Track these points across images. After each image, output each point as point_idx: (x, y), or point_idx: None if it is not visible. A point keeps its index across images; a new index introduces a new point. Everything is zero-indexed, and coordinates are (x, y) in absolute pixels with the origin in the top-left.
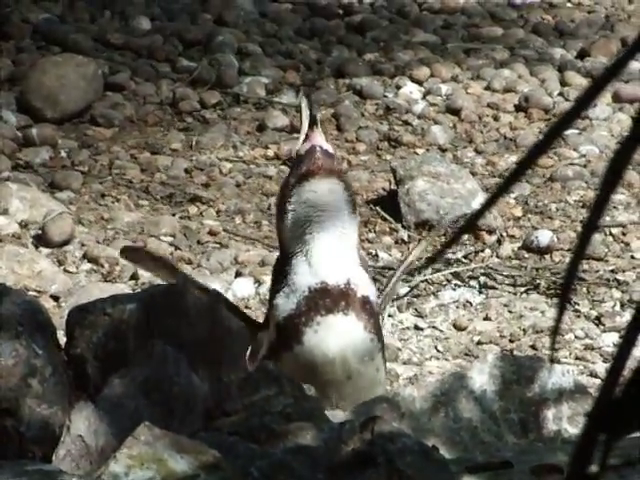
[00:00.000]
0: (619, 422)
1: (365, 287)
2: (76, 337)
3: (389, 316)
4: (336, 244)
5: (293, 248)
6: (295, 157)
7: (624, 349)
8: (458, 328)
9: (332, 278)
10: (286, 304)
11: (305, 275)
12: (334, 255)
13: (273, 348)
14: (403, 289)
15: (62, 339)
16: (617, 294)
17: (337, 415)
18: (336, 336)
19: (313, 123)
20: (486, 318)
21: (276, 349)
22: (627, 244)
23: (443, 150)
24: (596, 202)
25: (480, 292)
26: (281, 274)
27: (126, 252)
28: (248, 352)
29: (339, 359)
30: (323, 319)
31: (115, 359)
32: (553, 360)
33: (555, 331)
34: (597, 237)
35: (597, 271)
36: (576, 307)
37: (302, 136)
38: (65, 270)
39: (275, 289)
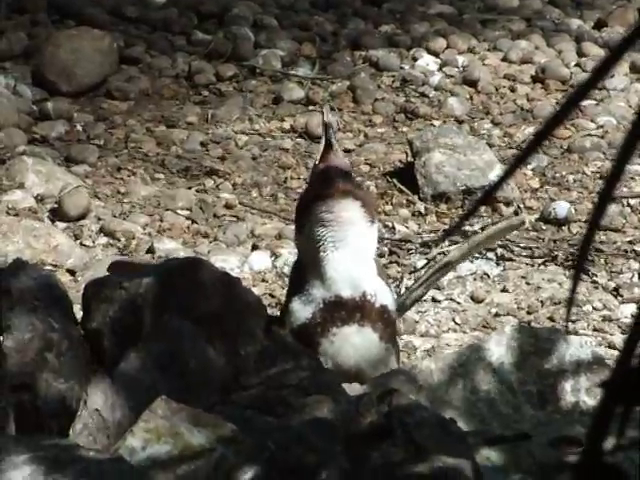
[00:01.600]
0: (636, 392)
1: (382, 296)
2: (92, 311)
3: (406, 289)
4: (351, 259)
5: (310, 261)
6: (311, 174)
7: None
8: (475, 300)
9: (347, 291)
10: (301, 312)
11: (320, 288)
12: (349, 269)
13: None
14: (420, 261)
15: (79, 313)
16: (635, 265)
17: (354, 388)
18: (352, 348)
19: (329, 145)
20: (503, 290)
21: None
22: None
23: (460, 122)
24: (612, 172)
25: (497, 264)
26: (298, 280)
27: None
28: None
29: (354, 370)
30: (339, 330)
31: (131, 333)
32: (569, 331)
33: (570, 302)
34: (614, 208)
35: (614, 242)
36: (594, 278)
37: (318, 155)
38: (81, 244)
39: (291, 293)
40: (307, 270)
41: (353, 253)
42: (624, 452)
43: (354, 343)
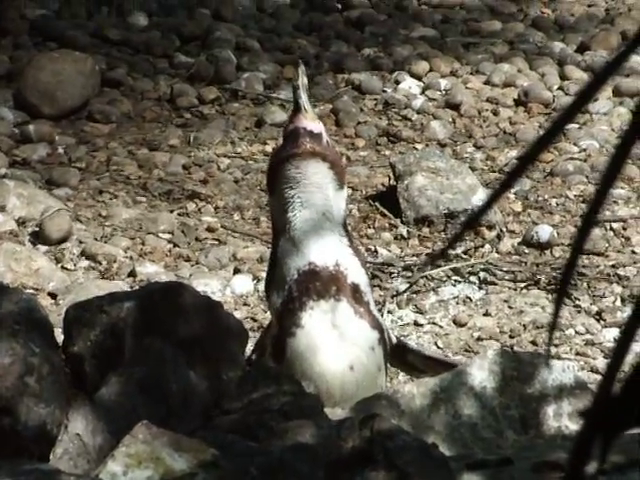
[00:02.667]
0: (617, 419)
1: (354, 274)
2: (74, 335)
3: (388, 312)
4: (319, 221)
5: (281, 226)
6: (282, 137)
7: (622, 345)
8: (458, 324)
9: (319, 259)
10: (279, 291)
11: (293, 257)
12: (317, 231)
13: (279, 338)
14: (403, 285)
15: (60, 337)
16: (618, 289)
17: (336, 413)
18: (332, 323)
19: (297, 107)
20: (486, 314)
21: (281, 339)
22: (628, 239)
23: (442, 145)
24: (595, 196)
25: (480, 288)
26: (273, 258)
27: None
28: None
29: (338, 348)
30: (316, 303)
31: (113, 357)
32: (551, 355)
33: (553, 326)
34: (597, 232)
35: (598, 266)
36: (577, 302)
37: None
38: (63, 267)
39: (269, 275)
40: (279, 240)
41: (320, 215)
42: (606, 476)
43: (334, 319)
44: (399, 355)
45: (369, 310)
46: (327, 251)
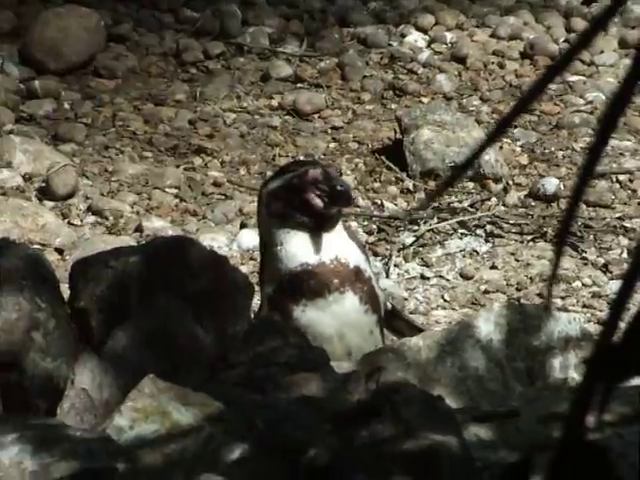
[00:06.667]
0: (618, 368)
1: (355, 258)
2: (79, 290)
3: (395, 266)
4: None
5: (270, 240)
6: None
7: (624, 294)
8: (465, 277)
9: (313, 259)
10: (272, 282)
11: (283, 260)
12: (314, 242)
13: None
14: (409, 238)
15: (66, 292)
16: (624, 241)
17: (342, 366)
18: (331, 315)
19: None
20: (493, 267)
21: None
22: (634, 191)
23: (448, 99)
24: (594, 145)
25: (487, 241)
26: (264, 259)
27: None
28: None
29: (337, 338)
30: (312, 301)
31: (119, 312)
32: (549, 307)
33: (552, 276)
34: (603, 184)
35: (604, 218)
36: (583, 255)
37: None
38: (69, 223)
39: (262, 262)
40: (271, 248)
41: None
42: (612, 428)
43: (333, 311)
44: (389, 320)
45: (371, 286)
46: (325, 250)
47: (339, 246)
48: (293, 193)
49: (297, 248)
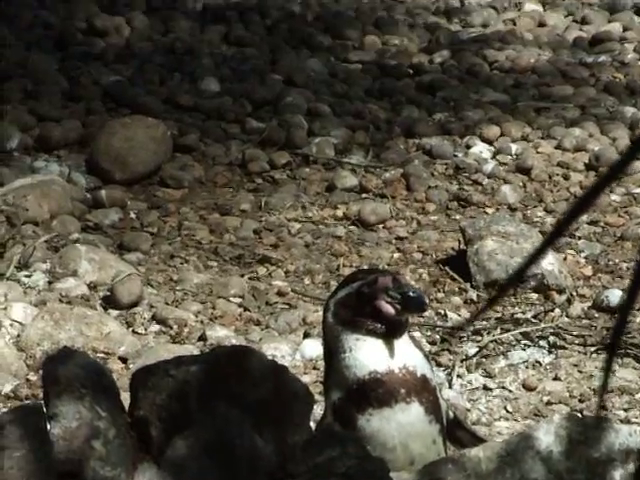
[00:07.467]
0: None
1: (422, 367)
2: (140, 398)
3: (458, 376)
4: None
5: (336, 348)
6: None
7: None
8: (527, 388)
9: (382, 367)
10: (338, 388)
11: (351, 368)
12: (384, 349)
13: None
14: (472, 349)
15: (128, 400)
16: None
17: (402, 477)
18: (396, 425)
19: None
20: (556, 378)
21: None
22: None
23: (513, 209)
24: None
25: (550, 352)
26: (330, 366)
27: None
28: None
29: (400, 447)
30: (378, 410)
31: (178, 420)
32: (601, 416)
33: (603, 387)
34: None
35: None
36: None
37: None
38: (134, 331)
39: (327, 370)
40: (338, 355)
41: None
42: None
43: (398, 420)
44: (451, 430)
45: (436, 396)
46: (394, 359)
47: (407, 354)
48: (363, 301)
49: (366, 356)
